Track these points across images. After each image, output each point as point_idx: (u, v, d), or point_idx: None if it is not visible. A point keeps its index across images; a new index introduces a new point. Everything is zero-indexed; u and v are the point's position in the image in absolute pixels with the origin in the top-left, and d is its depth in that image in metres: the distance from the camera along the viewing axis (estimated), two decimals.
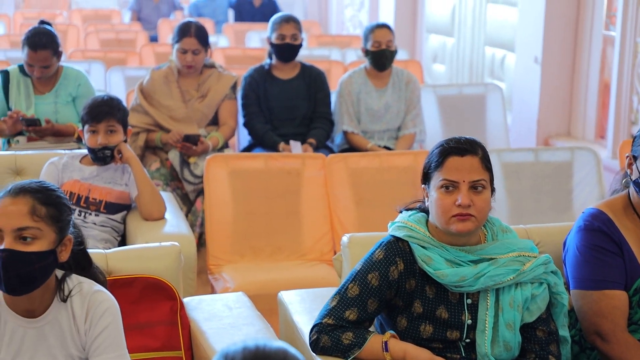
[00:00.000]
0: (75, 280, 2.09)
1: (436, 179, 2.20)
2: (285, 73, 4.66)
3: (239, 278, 3.25)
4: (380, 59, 4.60)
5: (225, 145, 4.51)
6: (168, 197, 3.58)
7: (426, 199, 2.27)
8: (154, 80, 4.50)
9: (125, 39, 7.76)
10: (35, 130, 4.20)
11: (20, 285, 1.96)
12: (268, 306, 2.92)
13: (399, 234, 2.24)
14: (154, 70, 4.59)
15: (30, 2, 10.54)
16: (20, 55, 6.23)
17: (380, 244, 2.26)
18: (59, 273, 2.08)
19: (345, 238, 2.60)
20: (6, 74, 4.40)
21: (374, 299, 2.21)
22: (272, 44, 4.63)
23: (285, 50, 4.59)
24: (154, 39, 8.34)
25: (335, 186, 3.68)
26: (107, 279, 2.31)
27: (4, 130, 4.26)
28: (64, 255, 2.04)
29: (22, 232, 1.95)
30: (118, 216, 3.41)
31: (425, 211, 2.30)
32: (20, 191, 1.99)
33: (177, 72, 4.50)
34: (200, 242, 4.02)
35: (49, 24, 4.51)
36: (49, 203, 2.00)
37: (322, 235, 3.63)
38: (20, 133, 4.28)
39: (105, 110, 3.35)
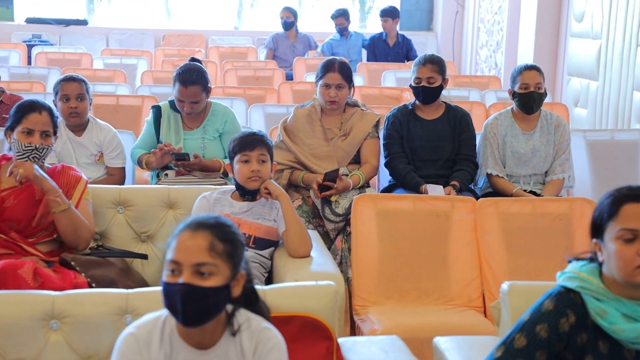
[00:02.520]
0: (244, 316, 2.11)
1: (612, 230, 2.10)
2: (429, 113, 4.62)
3: (386, 321, 3.20)
4: (528, 101, 4.50)
5: (367, 185, 4.50)
6: (314, 236, 3.58)
7: (599, 253, 2.17)
8: (297, 118, 4.54)
9: (262, 76, 7.91)
10: (183, 164, 4.31)
11: (195, 318, 1.99)
12: (416, 351, 2.85)
13: (571, 284, 2.15)
14: (297, 108, 4.63)
15: (170, 40, 10.90)
16: (163, 90, 6.51)
17: (550, 295, 2.17)
18: (228, 307, 2.10)
19: (505, 285, 2.52)
20: (158, 109, 4.54)
21: (542, 351, 2.12)
22: (411, 86, 4.62)
23: (422, 93, 4.55)
24: (289, 77, 8.48)
25: (485, 231, 3.59)
26: None
27: (152, 163, 4.38)
28: (237, 291, 2.06)
29: (200, 268, 1.99)
30: (266, 252, 3.43)
31: (596, 262, 2.20)
32: (199, 226, 2.02)
33: (320, 111, 4.53)
34: None
35: (199, 61, 4.64)
36: (226, 239, 2.03)
37: (471, 281, 3.54)
38: (168, 167, 4.39)
39: (257, 139, 3.42)
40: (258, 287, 2.53)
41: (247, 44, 10.75)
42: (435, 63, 4.55)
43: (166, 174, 4.40)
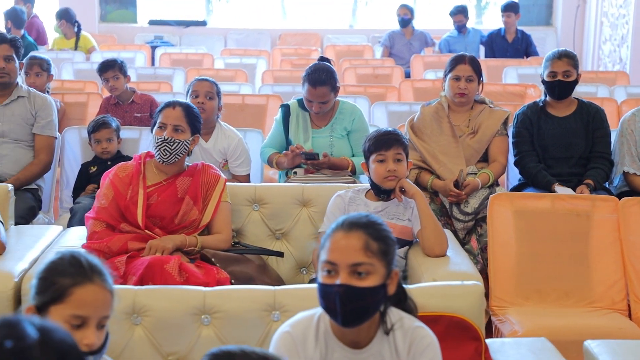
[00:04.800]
0: (396, 314, 2.10)
1: None
2: (561, 110, 4.50)
3: (527, 322, 3.13)
4: None
5: (496, 184, 4.42)
6: (449, 235, 3.54)
7: None
8: (424, 115, 4.50)
9: (381, 74, 7.90)
10: (313, 163, 4.34)
11: (354, 318, 2.00)
12: (562, 354, 2.78)
13: None
14: (424, 106, 4.59)
15: (286, 39, 11.03)
16: (284, 89, 6.59)
17: None
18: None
19: None
20: (287, 108, 4.58)
21: None
22: (543, 81, 4.51)
23: (557, 88, 4.44)
24: (406, 75, 8.44)
25: (629, 231, 3.47)
26: None
27: (282, 163, 4.43)
28: (392, 289, 2.06)
29: (356, 268, 1.98)
30: (401, 251, 3.42)
31: None
32: (352, 226, 2.02)
33: (447, 108, 4.48)
34: None
35: (328, 60, 4.66)
36: (380, 238, 2.02)
37: (614, 283, 3.43)
38: (297, 165, 4.43)
39: (393, 138, 3.40)
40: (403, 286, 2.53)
41: (361, 42, 10.76)
42: (571, 57, 4.45)
43: (295, 172, 4.44)
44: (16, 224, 3.80)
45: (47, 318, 1.89)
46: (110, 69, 5.36)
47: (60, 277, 1.90)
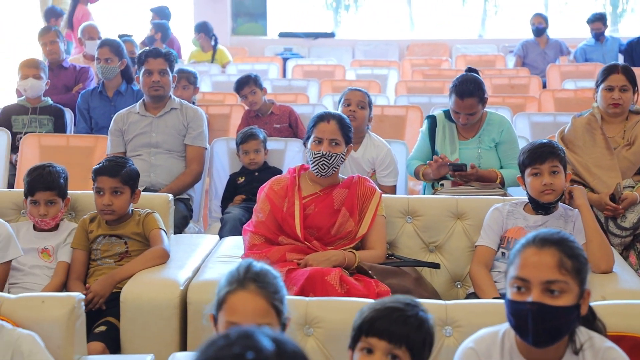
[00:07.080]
0: (585, 333, 2.03)
1: None
2: None
3: None
4: None
5: None
6: (613, 251, 3.40)
7: None
8: (575, 127, 4.36)
9: (517, 84, 7.75)
10: (460, 175, 4.27)
11: (546, 338, 1.94)
12: None
13: None
14: (575, 117, 4.45)
15: (413, 50, 10.99)
16: (419, 100, 6.54)
17: None
18: None
19: None
20: (433, 119, 4.53)
21: None
22: None
23: None
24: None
25: None
26: None
27: (428, 174, 4.37)
28: (584, 309, 1.99)
29: (550, 285, 1.93)
30: None
31: None
32: (545, 242, 1.97)
33: (600, 119, 4.33)
34: None
35: (476, 71, 4.59)
36: (573, 256, 1.96)
37: None
38: (444, 177, 4.37)
39: (547, 150, 3.31)
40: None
41: (491, 51, 10.59)
42: None
43: (442, 184, 4.37)
44: None
45: (218, 325, 1.98)
46: (246, 85, 5.44)
47: (224, 286, 1.99)
